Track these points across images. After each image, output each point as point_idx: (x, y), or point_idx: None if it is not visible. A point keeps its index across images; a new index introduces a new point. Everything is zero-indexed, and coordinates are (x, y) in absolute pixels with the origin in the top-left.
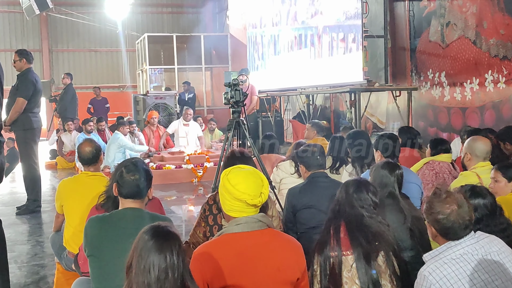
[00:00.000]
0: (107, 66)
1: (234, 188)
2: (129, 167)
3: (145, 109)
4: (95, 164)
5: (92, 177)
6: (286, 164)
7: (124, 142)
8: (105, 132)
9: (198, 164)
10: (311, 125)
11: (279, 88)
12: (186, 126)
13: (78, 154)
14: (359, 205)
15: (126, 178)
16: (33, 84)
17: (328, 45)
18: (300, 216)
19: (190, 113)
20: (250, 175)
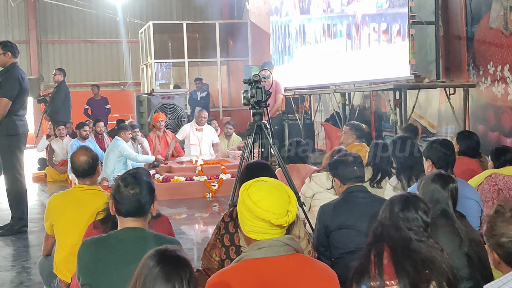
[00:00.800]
0: (105, 60)
1: (255, 205)
2: (127, 180)
3: (150, 111)
4: (91, 176)
5: (88, 192)
6: (322, 176)
7: (125, 150)
8: (104, 138)
9: (212, 176)
10: (349, 128)
11: (309, 86)
12: (199, 131)
13: (71, 164)
14: (406, 226)
15: (124, 193)
16: (18, 82)
17: (367, 36)
18: (334, 238)
19: (204, 116)
20: (274, 190)
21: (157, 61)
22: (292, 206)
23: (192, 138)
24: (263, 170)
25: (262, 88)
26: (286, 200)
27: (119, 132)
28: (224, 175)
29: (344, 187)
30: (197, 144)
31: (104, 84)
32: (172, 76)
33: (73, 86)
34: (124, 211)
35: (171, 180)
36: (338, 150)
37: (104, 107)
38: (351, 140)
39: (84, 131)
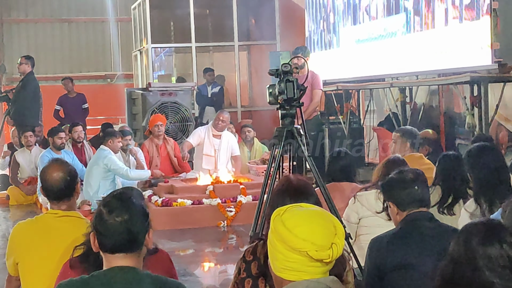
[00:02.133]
0: (87, 45)
1: (291, 232)
2: (111, 204)
3: (146, 112)
4: (68, 199)
5: (64, 219)
6: (370, 195)
7: (114, 164)
8: (84, 148)
9: (228, 199)
10: (400, 134)
11: (358, 78)
12: (216, 138)
13: (41, 182)
14: (486, 266)
15: (109, 222)
16: None
17: (444, 12)
18: (390, 282)
19: (224, 119)
20: (316, 216)
21: (155, 46)
22: (339, 238)
23: (206, 147)
24: (302, 191)
25: (295, 82)
26: (331, 230)
27: (105, 140)
28: (244, 197)
29: (402, 214)
30: (213, 155)
31: (85, 77)
32: (174, 66)
33: (45, 79)
34: (110, 246)
35: (174, 204)
36: (393, 160)
37: (80, 107)
38: (403, 150)
39: (59, 139)
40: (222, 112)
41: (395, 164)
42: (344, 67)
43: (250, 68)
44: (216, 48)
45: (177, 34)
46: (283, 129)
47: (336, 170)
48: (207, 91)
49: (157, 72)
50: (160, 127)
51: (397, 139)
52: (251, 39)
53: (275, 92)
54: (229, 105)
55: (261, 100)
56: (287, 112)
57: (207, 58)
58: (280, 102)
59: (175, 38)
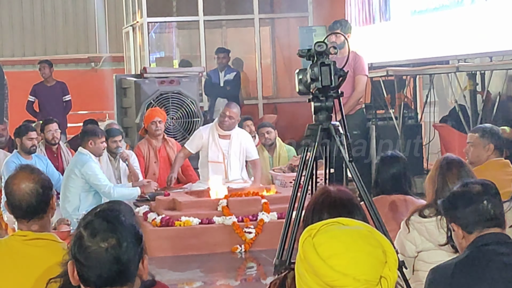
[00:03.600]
0: (65, 19)
1: (325, 263)
2: (93, 225)
3: (140, 106)
4: (41, 217)
5: (35, 243)
6: (430, 223)
7: (94, 176)
8: (61, 152)
9: (246, 216)
10: (479, 135)
11: (413, 60)
12: (224, 139)
13: (7, 196)
14: None
15: (91, 248)
16: None
17: None
18: None
19: (232, 114)
20: (359, 239)
21: (151, 20)
22: (390, 270)
23: (212, 152)
24: (344, 205)
25: (332, 66)
26: (380, 259)
27: (84, 141)
28: (267, 215)
29: (469, 237)
30: (222, 161)
31: (62, 60)
32: (177, 46)
33: (11, 63)
34: (94, 279)
35: (177, 223)
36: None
37: (60, 99)
38: (484, 156)
39: (28, 141)
40: (229, 106)
41: (452, 167)
42: (396, 47)
43: (274, 48)
44: (230, 23)
45: (181, 5)
46: (317, 126)
47: (386, 179)
48: (219, 79)
49: (155, 54)
50: (158, 124)
51: (476, 141)
52: (276, 11)
53: (306, 79)
54: (248, 96)
55: (288, 90)
56: (322, 105)
57: (219, 35)
58: (313, 92)
59: (178, 10)
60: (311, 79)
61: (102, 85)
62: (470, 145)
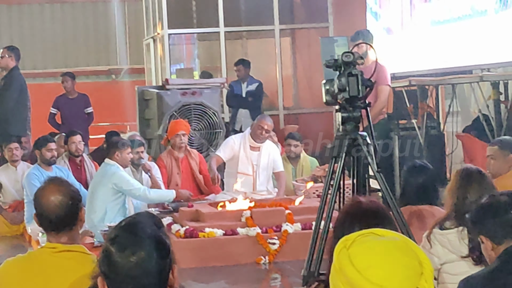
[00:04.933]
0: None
1: (361, 275)
2: (120, 239)
3: (162, 117)
4: (70, 229)
5: (65, 255)
6: (451, 235)
7: (125, 182)
8: (84, 164)
9: (270, 227)
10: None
11: (436, 70)
12: (255, 151)
13: (36, 208)
14: None
15: (120, 263)
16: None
17: None
18: None
19: (268, 127)
20: (395, 250)
21: (172, 32)
22: (426, 281)
23: (243, 163)
24: (375, 216)
25: (359, 76)
26: (416, 270)
27: (111, 153)
28: (291, 226)
29: (499, 248)
30: (251, 174)
31: (83, 72)
32: (198, 58)
33: (33, 76)
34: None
35: (200, 234)
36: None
37: (82, 111)
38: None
39: (48, 152)
40: (265, 118)
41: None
42: (418, 57)
43: (294, 59)
44: (251, 34)
45: (201, 17)
46: (344, 137)
47: (413, 189)
48: (241, 89)
49: (176, 65)
50: (182, 137)
51: (496, 153)
52: (296, 22)
53: (333, 89)
54: (269, 106)
55: (309, 100)
56: (349, 115)
57: (240, 46)
58: (340, 102)
59: (199, 21)
60: (339, 89)
61: (123, 97)
62: (491, 157)
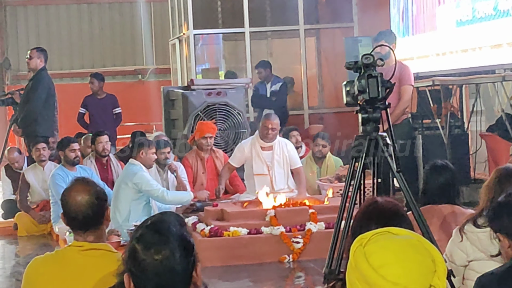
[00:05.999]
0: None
1: (376, 273)
2: (146, 238)
3: (188, 117)
4: (97, 228)
5: (92, 254)
6: (482, 234)
7: (145, 182)
8: (111, 164)
9: (294, 226)
10: None
11: (459, 70)
12: (266, 151)
13: (64, 208)
14: None
15: (146, 261)
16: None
17: None
18: None
19: (274, 126)
20: (410, 249)
21: (198, 32)
22: (439, 278)
23: (256, 165)
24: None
25: (379, 77)
26: (430, 268)
27: (136, 152)
28: (314, 225)
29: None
30: (267, 173)
31: (110, 72)
32: (223, 58)
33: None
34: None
35: (225, 233)
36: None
37: (110, 111)
38: None
39: (72, 153)
40: (268, 117)
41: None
42: (441, 57)
43: (319, 58)
44: (276, 34)
45: (226, 17)
46: (365, 137)
47: (434, 188)
48: (265, 90)
49: (201, 65)
50: (209, 140)
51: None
52: (321, 22)
53: (353, 91)
54: (294, 106)
55: (333, 100)
56: (369, 116)
57: (265, 46)
58: (361, 103)
59: (224, 22)
60: (359, 91)
61: (149, 97)
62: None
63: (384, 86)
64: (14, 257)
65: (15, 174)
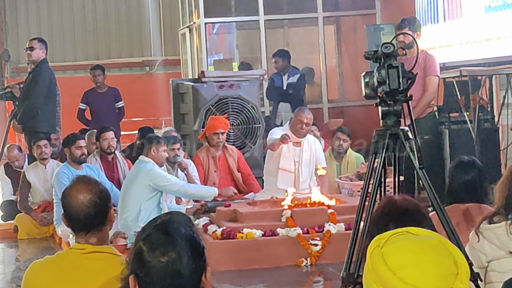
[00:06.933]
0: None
1: (395, 275)
2: (152, 239)
3: (199, 111)
4: (99, 229)
5: (94, 256)
6: (498, 228)
7: (164, 178)
8: (117, 162)
9: (312, 227)
10: None
11: (489, 59)
12: (296, 147)
13: (64, 208)
14: None
15: (152, 263)
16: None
17: None
18: None
19: (308, 120)
20: (430, 250)
21: (209, 20)
22: (462, 281)
23: (284, 159)
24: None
25: (400, 68)
26: (451, 270)
27: (146, 149)
28: (334, 226)
29: None
30: (292, 171)
31: (116, 64)
32: (236, 48)
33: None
34: None
35: (238, 235)
36: None
37: (112, 106)
38: None
39: (78, 150)
40: (303, 111)
41: None
42: (470, 46)
43: (339, 48)
44: (292, 22)
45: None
46: (385, 132)
47: (460, 186)
48: (282, 82)
49: (213, 56)
50: (221, 136)
51: None
52: (341, 9)
53: (373, 82)
54: (312, 100)
55: (355, 92)
56: (390, 109)
57: (281, 36)
58: (380, 95)
59: (237, 9)
60: (378, 82)
61: (158, 90)
62: None
63: (405, 77)
64: (15, 261)
65: (15, 173)
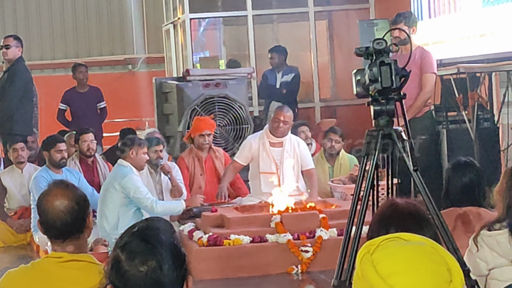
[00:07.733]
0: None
1: (385, 282)
2: (131, 246)
3: (183, 112)
4: (76, 237)
5: (71, 265)
6: (500, 236)
7: (136, 189)
8: (97, 165)
9: (302, 233)
10: None
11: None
12: (276, 147)
13: (40, 215)
14: None
15: (130, 273)
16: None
17: None
18: None
19: (286, 118)
20: (421, 255)
21: (194, 16)
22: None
23: (264, 162)
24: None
25: (392, 65)
26: (444, 277)
27: (125, 152)
28: (325, 231)
29: None
30: (274, 172)
31: (96, 62)
32: (223, 45)
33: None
34: None
35: (225, 242)
36: None
37: (94, 106)
38: None
39: (57, 153)
40: (281, 109)
41: None
42: (467, 41)
43: (331, 45)
44: (282, 17)
45: None
46: (378, 132)
47: (458, 189)
48: (275, 79)
49: (199, 54)
50: (207, 138)
51: None
52: (333, 3)
53: (364, 80)
54: (305, 98)
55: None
56: (382, 109)
57: (270, 31)
58: (373, 94)
59: (224, 4)
60: (370, 80)
61: (141, 89)
62: None
63: (398, 75)
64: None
65: None
